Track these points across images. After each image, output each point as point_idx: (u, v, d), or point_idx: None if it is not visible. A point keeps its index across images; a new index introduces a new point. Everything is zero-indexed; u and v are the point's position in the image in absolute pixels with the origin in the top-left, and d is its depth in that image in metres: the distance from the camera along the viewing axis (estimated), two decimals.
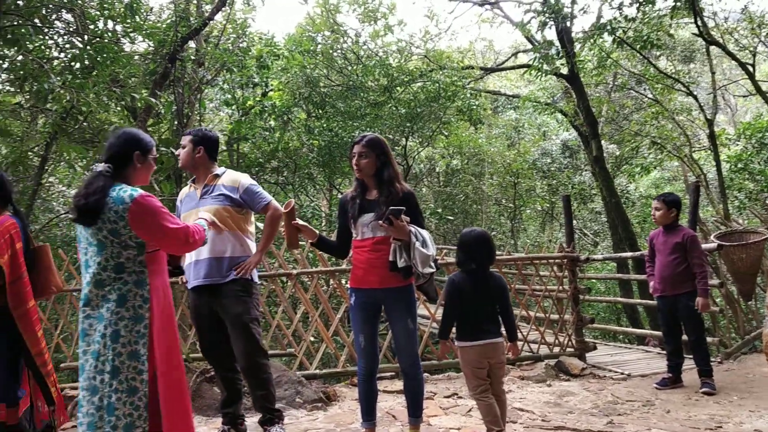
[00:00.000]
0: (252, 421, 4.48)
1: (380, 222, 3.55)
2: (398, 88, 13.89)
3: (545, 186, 19.47)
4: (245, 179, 4.27)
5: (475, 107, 14.54)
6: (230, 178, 4.23)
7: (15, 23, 7.61)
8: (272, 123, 13.86)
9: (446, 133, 15.73)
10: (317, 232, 3.87)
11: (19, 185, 10.80)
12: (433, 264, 3.66)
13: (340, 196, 15.65)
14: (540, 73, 13.48)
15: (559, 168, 19.03)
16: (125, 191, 2.82)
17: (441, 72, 14.02)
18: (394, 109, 13.84)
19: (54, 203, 14.83)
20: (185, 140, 4.24)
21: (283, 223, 3.83)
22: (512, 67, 19.15)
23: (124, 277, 2.82)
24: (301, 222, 3.76)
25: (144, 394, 2.78)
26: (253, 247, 4.24)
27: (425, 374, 5.87)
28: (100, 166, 2.94)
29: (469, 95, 14.56)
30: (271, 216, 4.16)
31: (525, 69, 15.52)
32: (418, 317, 3.99)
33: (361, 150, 3.76)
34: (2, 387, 3.54)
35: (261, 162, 13.95)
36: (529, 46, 16.36)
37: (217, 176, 4.20)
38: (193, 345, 6.36)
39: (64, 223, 13.89)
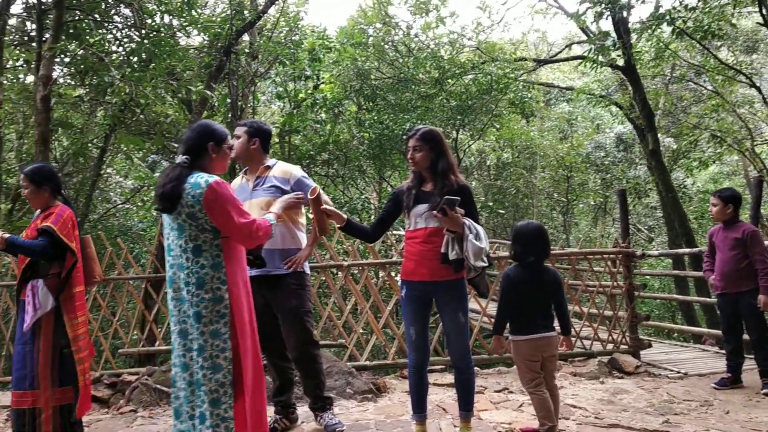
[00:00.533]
0: (303, 410, 4.52)
1: (434, 212, 3.52)
2: (449, 80, 13.79)
3: (598, 180, 19.07)
4: (296, 171, 4.28)
5: (527, 99, 14.34)
6: (282, 169, 4.25)
7: (76, 18, 7.84)
8: (323, 115, 13.94)
9: (498, 126, 15.54)
10: (345, 216, 3.86)
11: (79, 176, 11.14)
12: (485, 258, 3.60)
13: (390, 188, 15.79)
14: (595, 65, 13.16)
15: (613, 162, 18.61)
16: (202, 177, 2.98)
17: (493, 64, 13.85)
18: (445, 101, 13.75)
19: (111, 194, 15.27)
20: (240, 131, 4.25)
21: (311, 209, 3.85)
22: (566, 59, 18.76)
23: (201, 260, 2.99)
24: (329, 206, 3.76)
25: (228, 371, 2.95)
26: (303, 239, 4.27)
27: (475, 368, 5.83)
28: (179, 158, 3.11)
29: (521, 87, 14.35)
30: None
31: (579, 61, 15.20)
32: (469, 311, 3.94)
33: (415, 143, 3.75)
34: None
35: (312, 154, 14.06)
36: (584, 38, 16.02)
37: (269, 168, 4.23)
38: None
39: (121, 213, 14.29)
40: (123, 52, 9.14)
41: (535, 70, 18.37)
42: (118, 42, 8.98)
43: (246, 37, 10.90)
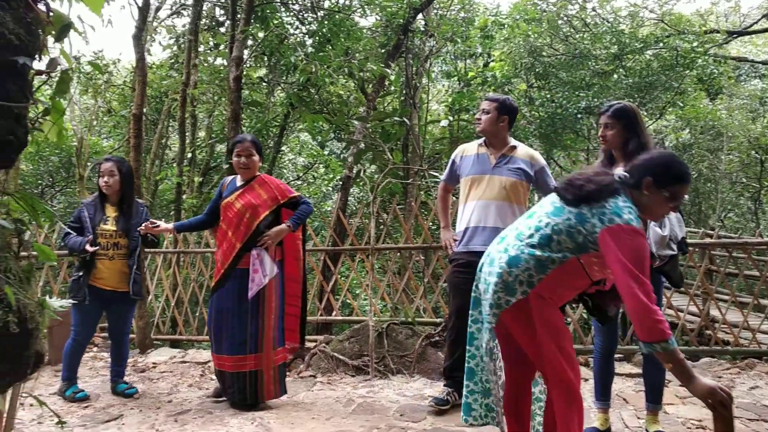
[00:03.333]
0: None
1: None
2: (629, 56, 12.97)
3: None
4: (541, 159, 4.29)
5: (717, 75, 13.16)
6: (526, 152, 4.25)
7: (264, 2, 8.24)
8: (491, 94, 13.69)
9: (681, 105, 14.43)
10: None
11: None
12: (674, 246, 3.40)
13: (558, 169, 15.25)
14: None
15: None
16: (626, 211, 2.46)
17: (679, 37, 12.85)
18: (623, 78, 12.96)
19: (285, 170, 16.10)
20: (489, 105, 4.22)
21: None
22: (762, 30, 17.00)
23: (536, 253, 2.59)
24: None
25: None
26: None
27: None
28: (619, 171, 2.76)
29: (711, 62, 13.19)
30: None
31: None
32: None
33: (607, 120, 3.56)
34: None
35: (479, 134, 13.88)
36: None
37: (514, 148, 4.22)
38: (417, 310, 6.52)
39: (293, 188, 14.98)
40: (300, 34, 9.53)
41: (726, 44, 16.83)
42: (299, 23, 9.34)
43: (420, 16, 10.94)
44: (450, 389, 4.32)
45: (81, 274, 4.60)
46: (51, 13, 1.89)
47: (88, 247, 4.55)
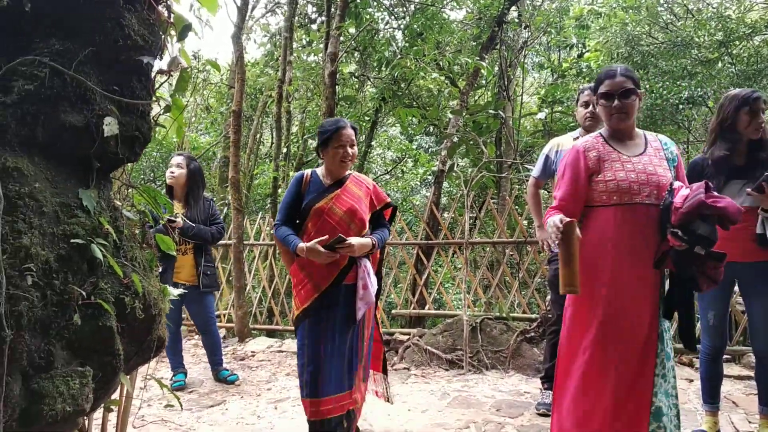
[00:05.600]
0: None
1: (749, 189, 3.18)
2: (735, 42, 12.27)
3: None
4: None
5: None
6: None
7: None
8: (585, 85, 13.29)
9: None
10: None
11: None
12: None
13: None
14: None
15: None
16: None
17: None
18: (729, 66, 12.28)
19: (373, 164, 16.22)
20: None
21: None
22: None
23: None
24: None
25: None
26: None
27: None
28: None
29: None
30: None
31: None
32: None
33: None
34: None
35: (573, 127, 13.53)
36: None
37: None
38: (511, 305, 6.44)
39: (382, 183, 15.09)
40: (392, 28, 9.59)
41: None
42: (392, 17, 9.38)
43: (513, 7, 10.78)
44: (551, 391, 4.25)
45: (162, 269, 4.57)
46: (172, 15, 1.97)
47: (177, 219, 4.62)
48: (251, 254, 7.79)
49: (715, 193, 2.55)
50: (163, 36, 1.95)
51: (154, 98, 1.95)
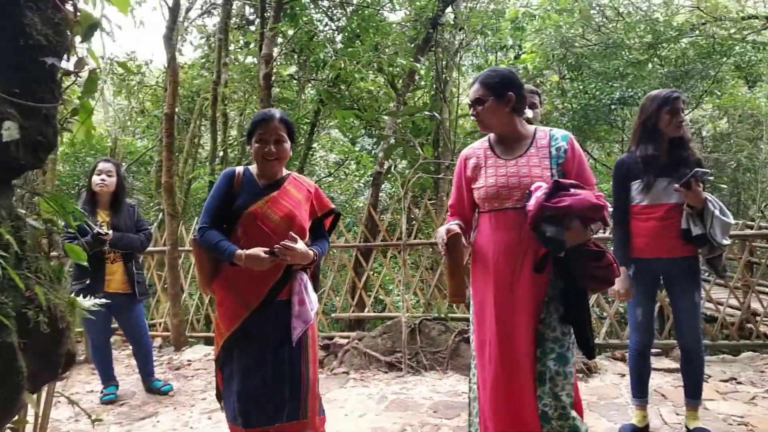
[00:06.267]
0: None
1: (676, 186, 3.29)
2: (664, 44, 12.68)
3: None
4: None
5: (755, 63, 12.80)
6: None
7: None
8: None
9: (718, 93, 14.09)
10: None
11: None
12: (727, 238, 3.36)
13: (593, 161, 15.00)
14: None
15: None
16: None
17: (715, 24, 12.52)
18: (659, 67, 12.69)
19: (316, 167, 16.14)
20: None
21: None
22: None
23: None
24: None
25: None
26: None
27: None
28: None
29: (749, 49, 12.84)
30: None
31: None
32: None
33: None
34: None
35: None
36: None
37: None
38: (450, 305, 6.47)
39: (325, 186, 15.03)
40: (329, 30, 9.53)
41: (765, 30, 16.35)
42: (329, 19, 9.34)
43: (449, 9, 10.87)
44: None
45: (88, 280, 4.50)
46: (78, 13, 1.88)
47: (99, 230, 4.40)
48: (188, 261, 7.62)
49: (572, 191, 2.49)
50: (70, 36, 1.86)
51: (60, 101, 1.85)
